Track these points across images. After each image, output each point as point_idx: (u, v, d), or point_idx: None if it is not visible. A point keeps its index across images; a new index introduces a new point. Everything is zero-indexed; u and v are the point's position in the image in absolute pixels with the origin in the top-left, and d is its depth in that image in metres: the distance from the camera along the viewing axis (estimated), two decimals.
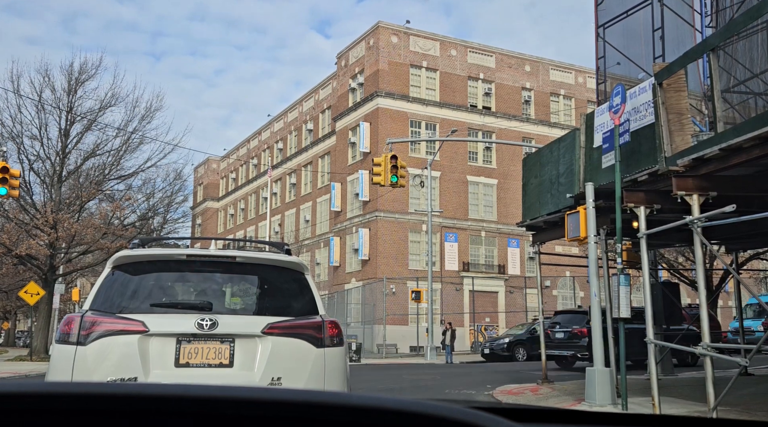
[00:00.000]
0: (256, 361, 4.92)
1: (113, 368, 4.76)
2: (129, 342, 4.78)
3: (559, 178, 12.68)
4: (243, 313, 5.33)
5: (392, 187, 20.00)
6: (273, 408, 0.85)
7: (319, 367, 5.02)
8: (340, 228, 50.55)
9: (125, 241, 34.44)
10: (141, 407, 0.85)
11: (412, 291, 31.70)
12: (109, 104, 33.72)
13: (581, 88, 53.40)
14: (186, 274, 5.40)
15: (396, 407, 0.86)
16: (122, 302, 5.07)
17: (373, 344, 40.50)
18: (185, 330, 4.85)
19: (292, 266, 5.48)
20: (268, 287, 5.54)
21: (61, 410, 0.84)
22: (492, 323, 48.16)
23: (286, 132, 61.80)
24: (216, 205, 73.88)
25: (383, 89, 47.37)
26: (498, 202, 50.00)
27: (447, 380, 16.51)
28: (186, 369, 4.82)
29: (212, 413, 0.85)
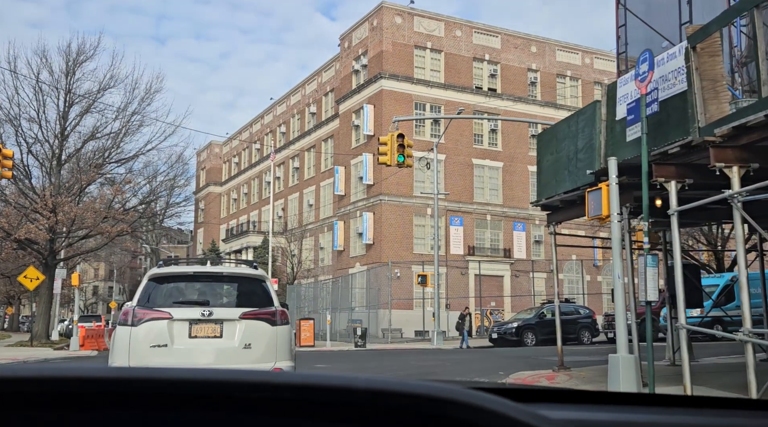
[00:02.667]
0: (235, 334, 8.02)
1: (153, 340, 7.81)
2: (161, 325, 7.87)
3: (577, 153, 11.91)
4: (227, 306, 8.45)
5: (398, 167, 19.24)
6: (273, 391, 0.87)
7: (274, 338, 8.12)
8: (344, 212, 49.84)
9: (126, 225, 33.80)
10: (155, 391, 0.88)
11: (419, 275, 31.00)
12: (108, 86, 32.94)
13: (588, 69, 52.41)
14: (193, 283, 8.61)
15: (399, 389, 0.86)
16: (156, 300, 8.15)
17: (378, 328, 39.89)
18: (194, 317, 7.98)
19: (257, 276, 8.66)
20: (242, 290, 8.65)
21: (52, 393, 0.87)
22: (498, 308, 47.51)
23: (288, 115, 60.94)
24: (219, 189, 73.16)
25: (387, 71, 46.47)
26: (503, 185, 49.21)
27: (456, 366, 15.82)
28: (195, 340, 7.95)
29: (220, 396, 0.87)
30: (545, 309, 26.94)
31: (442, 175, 47.69)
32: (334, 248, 50.66)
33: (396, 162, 18.65)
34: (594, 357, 17.18)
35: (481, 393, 0.89)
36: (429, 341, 30.88)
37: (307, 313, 44.89)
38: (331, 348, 28.60)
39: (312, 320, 31.33)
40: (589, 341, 26.64)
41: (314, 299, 46.70)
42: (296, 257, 53.07)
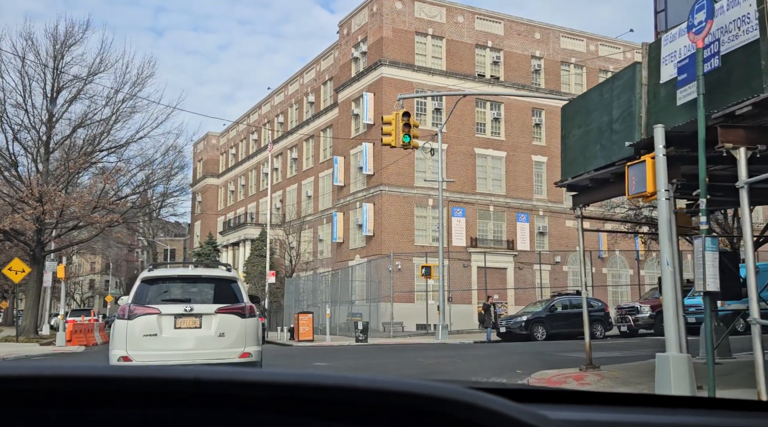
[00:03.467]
0: (212, 325, 9.79)
1: (145, 330, 9.55)
2: (152, 318, 9.63)
3: (612, 124, 10.37)
4: (205, 302, 9.96)
5: (404, 148, 17.70)
6: (274, 389, 0.87)
7: (243, 328, 9.85)
8: (343, 203, 48.31)
9: (118, 215, 32.26)
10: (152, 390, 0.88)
11: (422, 266, 29.51)
12: (98, 71, 31.31)
13: (593, 56, 50.81)
14: (177, 284, 10.32)
15: (400, 389, 0.86)
16: (147, 298, 9.88)
17: (379, 322, 38.43)
18: (178, 312, 9.75)
19: (230, 277, 10.39)
20: (218, 289, 10.13)
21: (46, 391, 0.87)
22: (501, 300, 46.01)
23: (286, 105, 59.31)
24: (216, 181, 71.50)
25: (387, 58, 44.87)
26: (507, 175, 47.67)
27: (468, 363, 14.32)
28: (179, 330, 9.70)
29: (221, 394, 0.88)
30: (556, 302, 25.45)
31: (444, 165, 46.13)
32: (334, 240, 49.16)
33: (401, 143, 17.10)
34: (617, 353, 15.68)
35: (482, 393, 0.88)
36: (432, 335, 29.41)
37: (306, 306, 43.42)
38: (331, 343, 27.13)
39: (311, 313, 29.85)
40: (602, 335, 25.18)
41: (313, 292, 45.24)
42: (295, 250, 51.57)
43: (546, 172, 48.73)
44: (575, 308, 25.42)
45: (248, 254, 55.92)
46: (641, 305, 25.81)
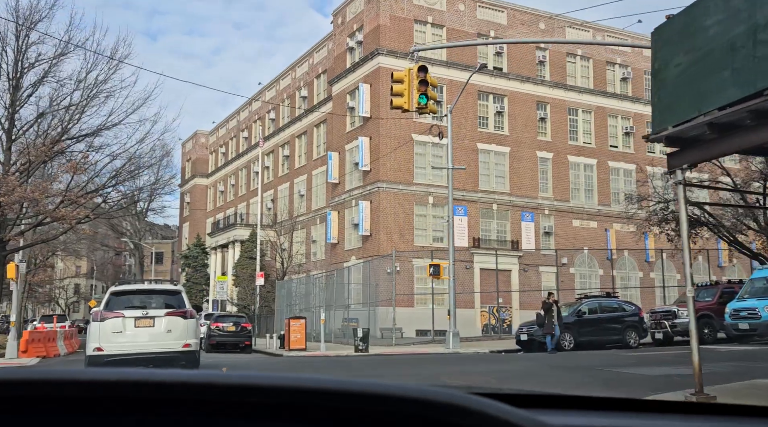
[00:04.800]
0: (162, 325, 13.39)
1: (113, 329, 13.05)
2: (118, 320, 13.24)
3: (756, 33, 6.68)
4: (157, 308, 13.57)
5: (419, 112, 14.01)
6: (283, 395, 0.85)
7: (185, 326, 13.46)
8: (338, 201, 44.55)
9: (90, 210, 28.43)
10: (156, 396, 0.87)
11: (430, 265, 25.78)
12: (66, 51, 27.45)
13: (599, 47, 47.34)
14: (137, 295, 13.98)
15: (400, 393, 0.85)
16: (114, 306, 13.42)
17: (377, 328, 34.69)
18: (137, 315, 13.33)
19: (176, 290, 14.40)
20: (167, 299, 13.92)
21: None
22: (505, 304, 42.31)
23: (278, 101, 55.53)
24: (205, 181, 67.48)
25: (384, 47, 41.24)
26: (510, 172, 44.04)
27: (512, 384, 10.56)
28: (138, 328, 13.19)
29: (214, 399, 0.86)
30: (583, 305, 21.72)
31: (444, 161, 42.49)
32: (328, 241, 45.37)
33: (416, 105, 13.42)
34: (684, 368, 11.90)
35: (481, 398, 0.87)
36: (440, 343, 25.65)
37: (298, 311, 39.63)
38: (327, 353, 23.35)
39: (303, 319, 26.02)
40: (636, 343, 21.48)
41: (306, 296, 41.41)
42: (286, 251, 47.75)
43: (551, 168, 45.16)
44: (606, 313, 21.75)
45: (238, 256, 52.04)
46: (679, 308, 22.14)
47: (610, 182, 46.77)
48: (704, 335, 22.20)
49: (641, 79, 48.32)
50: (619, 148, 47.39)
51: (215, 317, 27.47)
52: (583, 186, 46.11)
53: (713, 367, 11.12)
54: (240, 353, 26.19)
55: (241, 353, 26.25)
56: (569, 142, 45.80)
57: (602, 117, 47.00)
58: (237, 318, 28.03)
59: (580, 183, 46.03)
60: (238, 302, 48.56)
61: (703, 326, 22.18)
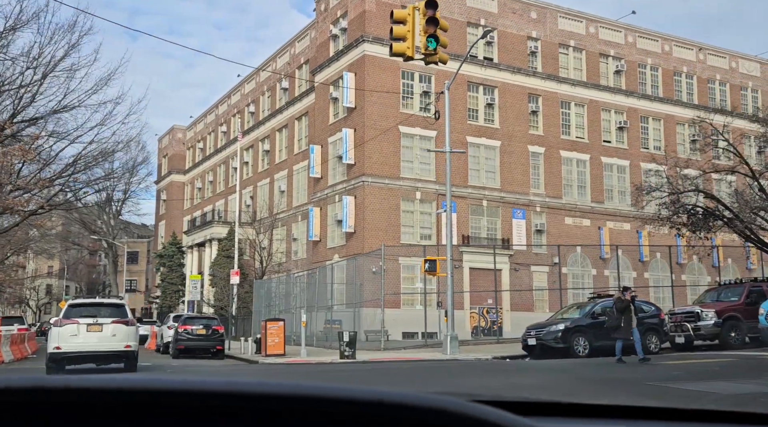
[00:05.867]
0: (109, 330, 16.60)
1: (70, 333, 16.31)
2: (74, 326, 16.42)
3: None
4: (105, 317, 16.81)
5: (426, 60, 11.12)
6: (277, 401, 0.83)
7: (127, 331, 16.83)
8: (320, 197, 41.50)
9: (44, 200, 25.13)
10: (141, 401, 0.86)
11: (425, 260, 22.84)
12: (18, 25, 24.13)
13: (593, 39, 44.83)
14: (90, 307, 17.49)
15: (400, 400, 0.84)
16: (71, 315, 16.76)
17: (361, 330, 31.73)
18: (89, 322, 16.57)
19: (121, 304, 17.95)
20: (113, 310, 17.17)
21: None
22: (495, 305, 39.53)
23: (258, 93, 52.37)
24: (182, 178, 63.95)
25: (370, 34, 38.30)
26: (501, 166, 41.27)
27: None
28: (89, 332, 16.47)
29: (215, 406, 0.85)
30: (598, 306, 18.88)
31: (433, 155, 39.65)
32: (309, 238, 42.31)
33: (424, 50, 10.47)
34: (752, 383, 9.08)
35: (481, 406, 0.86)
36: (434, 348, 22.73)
37: (277, 312, 36.53)
38: (309, 359, 20.33)
39: (282, 320, 22.90)
40: (657, 348, 18.70)
41: (286, 297, 38.32)
42: (266, 250, 44.58)
43: (543, 164, 42.49)
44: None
45: (215, 255, 48.76)
46: (703, 309, 19.41)
47: (603, 179, 44.22)
48: (731, 338, 19.52)
49: (635, 71, 45.90)
50: (613, 144, 44.87)
51: (183, 319, 24.29)
52: (576, 182, 43.51)
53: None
54: (211, 359, 23.11)
55: (213, 359, 23.17)
56: (561, 136, 43.19)
57: (595, 111, 44.47)
58: (208, 320, 24.88)
59: (573, 179, 43.42)
60: (215, 303, 45.30)
61: (730, 328, 19.50)
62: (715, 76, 48.62)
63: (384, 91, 38.16)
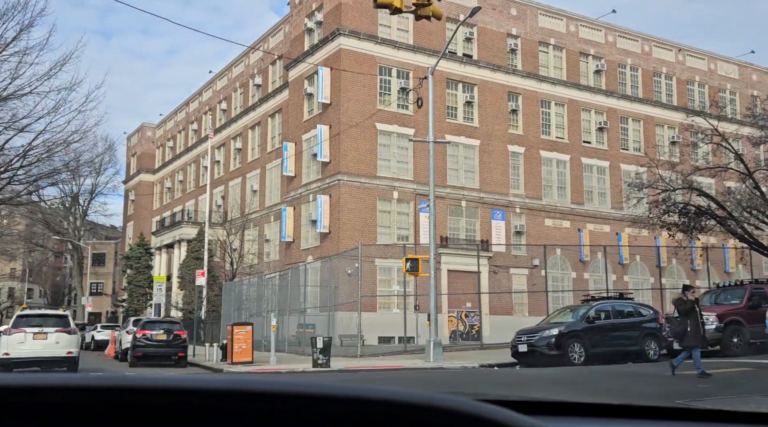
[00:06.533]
0: (52, 338, 18.48)
1: (18, 341, 18.18)
2: (21, 334, 18.33)
3: None
4: (49, 326, 18.75)
5: (417, 13, 9.26)
6: (282, 401, 0.82)
7: (70, 339, 18.77)
8: (294, 196, 39.50)
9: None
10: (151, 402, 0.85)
11: (406, 260, 21.06)
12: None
13: (573, 38, 43.54)
14: (36, 317, 19.67)
15: (406, 400, 0.83)
16: (19, 325, 18.70)
17: (335, 335, 29.83)
18: (35, 331, 18.50)
19: (64, 315, 20.34)
20: (57, 320, 19.36)
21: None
22: (473, 309, 37.90)
23: (230, 90, 50.21)
24: (151, 178, 61.35)
25: (347, 27, 36.49)
26: (480, 166, 39.67)
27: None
28: (35, 340, 18.25)
29: (218, 405, 0.83)
30: (594, 309, 17.23)
31: (410, 153, 37.97)
32: (282, 239, 40.28)
33: (416, 0, 8.65)
34: None
35: (487, 405, 0.85)
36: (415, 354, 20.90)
37: (248, 316, 34.45)
38: (278, 367, 18.38)
39: (250, 325, 20.86)
40: (657, 355, 17.07)
41: (258, 300, 36.24)
42: (237, 251, 42.45)
43: (523, 164, 41.00)
44: (621, 318, 17.32)
45: (184, 257, 46.45)
46: (704, 314, 17.86)
47: (583, 180, 42.87)
48: (733, 344, 18.00)
49: (615, 71, 44.72)
50: (593, 144, 43.57)
51: (142, 323, 22.13)
52: (556, 183, 42.09)
53: None
54: (173, 367, 21.03)
55: (175, 367, 21.09)
56: (541, 136, 41.77)
57: (575, 111, 43.14)
58: (169, 325, 22.74)
59: (553, 180, 42.00)
60: (184, 307, 43.01)
61: (732, 333, 17.99)
62: (694, 78, 47.69)
63: (361, 85, 36.37)
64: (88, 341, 35.77)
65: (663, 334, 17.72)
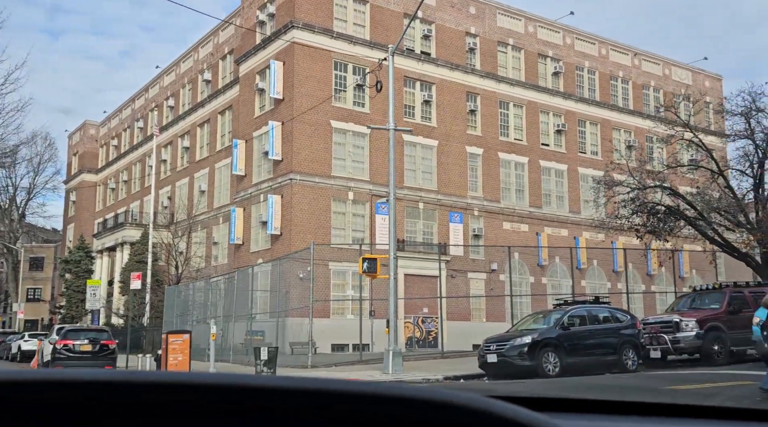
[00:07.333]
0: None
1: None
2: None
3: None
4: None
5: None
6: (291, 397, 0.81)
7: None
8: (244, 196, 37.09)
9: None
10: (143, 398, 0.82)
11: (363, 259, 18.96)
12: None
13: (532, 38, 42.33)
14: None
15: (417, 396, 0.83)
16: None
17: (285, 343, 27.62)
18: None
19: None
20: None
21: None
22: (431, 314, 36.11)
23: (178, 86, 47.44)
24: (94, 178, 57.76)
25: (300, 20, 34.38)
26: (438, 167, 37.98)
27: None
28: None
29: (224, 402, 0.81)
30: (567, 316, 15.46)
31: (367, 152, 36.02)
32: (231, 242, 37.78)
33: None
34: None
35: (500, 402, 0.85)
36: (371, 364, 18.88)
37: (193, 323, 31.89)
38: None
39: (187, 333, 18.47)
40: (635, 364, 15.39)
41: (204, 305, 33.70)
42: (183, 254, 39.79)
43: (481, 165, 39.49)
44: (597, 324, 15.62)
45: (126, 260, 43.44)
46: (683, 319, 16.35)
47: (541, 183, 41.61)
48: (713, 352, 16.51)
49: (573, 74, 43.70)
50: (551, 147, 42.39)
51: (64, 333, 19.48)
52: (514, 186, 40.72)
53: None
54: None
55: None
56: (500, 137, 40.36)
57: (534, 112, 41.90)
58: (96, 333, 20.17)
59: (511, 182, 40.61)
60: (125, 313, 40.04)
61: (712, 341, 16.49)
62: (649, 83, 47.11)
63: (315, 81, 34.27)
64: (15, 352, 32.57)
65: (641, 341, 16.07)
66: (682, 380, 11.39)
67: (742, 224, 20.69)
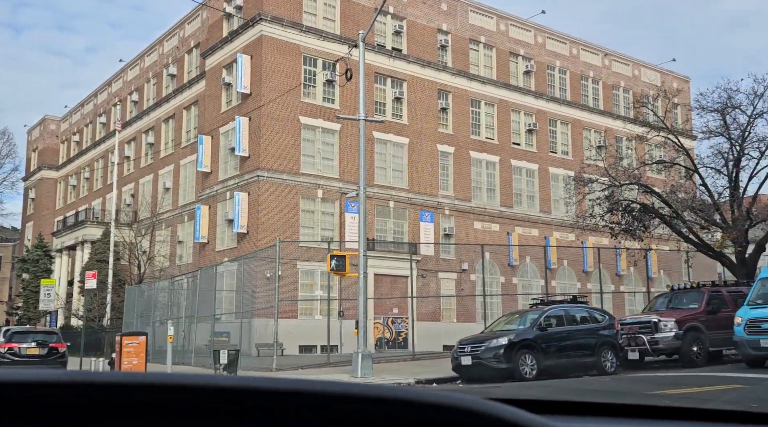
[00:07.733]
0: None
1: None
2: None
3: None
4: None
5: None
6: (291, 399, 0.80)
7: None
8: (209, 194, 35.81)
9: None
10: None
11: (332, 256, 17.98)
12: None
13: (503, 36, 41.78)
14: None
15: (416, 398, 0.82)
16: None
17: (251, 345, 26.54)
18: None
19: None
20: None
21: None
22: (401, 315, 35.29)
23: (142, 80, 45.84)
24: (54, 174, 55.68)
25: (269, 12, 33.28)
26: (409, 166, 37.18)
27: None
28: None
29: (222, 404, 0.79)
30: (546, 315, 14.71)
31: (336, 149, 35.05)
32: (196, 240, 36.46)
33: None
34: None
35: (499, 404, 0.85)
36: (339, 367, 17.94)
37: (156, 324, 30.58)
38: None
39: (143, 335, 17.29)
40: (614, 366, 14.71)
41: (167, 306, 32.34)
42: (146, 254, 38.31)
43: (453, 164, 38.80)
44: (576, 325, 14.91)
45: (87, 260, 41.76)
46: (661, 319, 15.74)
47: (512, 182, 41.07)
48: (692, 353, 15.92)
49: (544, 73, 43.27)
50: (522, 146, 41.88)
51: (9, 335, 18.15)
52: (486, 185, 40.10)
53: None
54: None
55: None
56: (471, 136, 39.71)
57: (505, 111, 41.35)
58: (45, 336, 18.86)
59: (483, 181, 39.99)
60: (84, 314, 38.38)
61: (691, 342, 15.91)
62: (619, 83, 46.96)
63: (284, 76, 33.19)
64: None
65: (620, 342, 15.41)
66: (668, 384, 10.68)
67: (717, 222, 20.27)
